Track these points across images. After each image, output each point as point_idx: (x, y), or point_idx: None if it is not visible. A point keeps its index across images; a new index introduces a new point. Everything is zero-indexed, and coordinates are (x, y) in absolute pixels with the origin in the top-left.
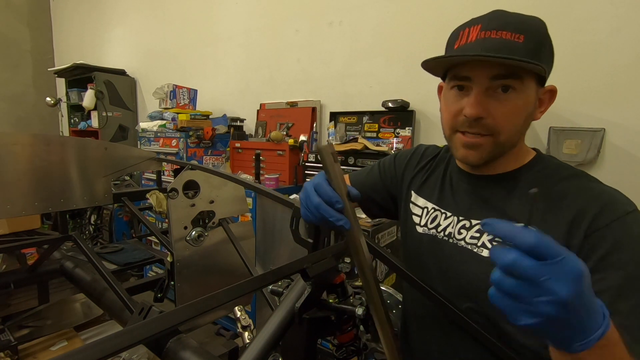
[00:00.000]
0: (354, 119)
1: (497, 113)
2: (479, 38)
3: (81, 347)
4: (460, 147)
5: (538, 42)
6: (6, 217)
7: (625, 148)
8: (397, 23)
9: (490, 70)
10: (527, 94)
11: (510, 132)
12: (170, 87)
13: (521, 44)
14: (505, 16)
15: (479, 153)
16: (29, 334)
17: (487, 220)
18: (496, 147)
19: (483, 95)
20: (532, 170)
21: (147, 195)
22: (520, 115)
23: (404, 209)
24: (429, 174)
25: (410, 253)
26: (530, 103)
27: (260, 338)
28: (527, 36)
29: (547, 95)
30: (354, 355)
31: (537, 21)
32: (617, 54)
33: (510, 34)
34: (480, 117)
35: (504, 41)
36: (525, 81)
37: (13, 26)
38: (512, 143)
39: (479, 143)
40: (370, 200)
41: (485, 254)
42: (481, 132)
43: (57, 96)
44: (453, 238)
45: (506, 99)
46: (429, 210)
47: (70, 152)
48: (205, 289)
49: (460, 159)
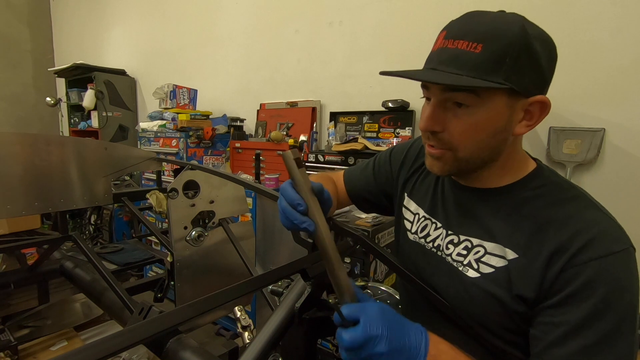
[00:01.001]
0: (354, 119)
1: (453, 127)
2: (440, 47)
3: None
4: (428, 156)
5: (500, 52)
6: (6, 217)
7: (625, 148)
8: (397, 23)
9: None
10: (490, 108)
11: (470, 148)
12: (170, 87)
13: (476, 55)
14: (473, 22)
15: (441, 164)
16: (29, 334)
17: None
18: (458, 162)
19: (438, 109)
20: (526, 188)
21: (147, 195)
22: (480, 131)
23: (397, 209)
24: (423, 177)
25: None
26: (498, 119)
27: (260, 338)
28: (485, 45)
29: (537, 107)
30: None
31: (509, 23)
32: (617, 54)
33: (468, 43)
34: (435, 131)
35: (457, 52)
36: (483, 96)
37: (13, 26)
38: (481, 159)
39: (439, 155)
40: (362, 199)
41: (470, 275)
42: (438, 146)
43: (57, 96)
44: (441, 251)
45: (463, 114)
46: (419, 218)
47: (70, 152)
48: (205, 289)
49: (428, 167)
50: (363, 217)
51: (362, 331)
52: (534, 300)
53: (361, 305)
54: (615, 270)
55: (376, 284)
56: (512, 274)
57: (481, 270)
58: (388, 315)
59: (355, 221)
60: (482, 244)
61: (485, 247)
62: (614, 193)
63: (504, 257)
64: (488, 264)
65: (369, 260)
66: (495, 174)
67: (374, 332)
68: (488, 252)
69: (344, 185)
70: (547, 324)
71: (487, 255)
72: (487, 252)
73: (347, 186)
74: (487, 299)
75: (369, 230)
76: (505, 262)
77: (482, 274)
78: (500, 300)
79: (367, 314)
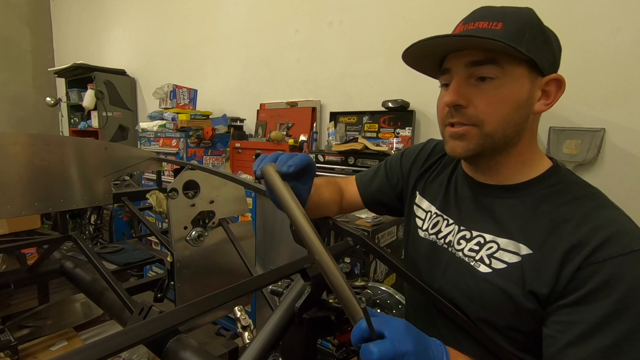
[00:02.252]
0: (354, 119)
1: (479, 101)
2: (460, 32)
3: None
4: (449, 140)
5: (519, 27)
6: (6, 217)
7: (625, 148)
8: (397, 23)
9: (465, 58)
10: (513, 81)
11: (497, 122)
12: (170, 87)
13: (498, 31)
14: (487, 8)
15: (465, 143)
16: (29, 334)
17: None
18: (483, 139)
19: (463, 84)
20: (543, 185)
21: (147, 195)
22: (506, 104)
23: (408, 208)
24: (435, 175)
25: (409, 254)
26: (521, 92)
27: (260, 338)
28: (505, 22)
29: (553, 85)
30: (354, 355)
31: (523, 9)
32: (617, 54)
33: (488, 22)
34: (460, 105)
35: (480, 30)
36: (507, 68)
37: (13, 26)
38: (505, 136)
39: (464, 132)
40: (377, 202)
41: (482, 270)
42: (463, 121)
43: (57, 96)
44: (452, 247)
45: (487, 86)
46: (431, 215)
47: (70, 152)
48: (205, 289)
49: (449, 152)
50: (363, 217)
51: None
52: (547, 296)
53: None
54: (635, 269)
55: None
56: (525, 269)
57: (493, 265)
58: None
59: (355, 221)
60: (495, 239)
61: (498, 243)
62: (614, 193)
63: (517, 253)
64: (501, 260)
65: (369, 260)
66: (513, 168)
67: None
68: (501, 248)
69: (357, 188)
70: (563, 323)
71: (500, 251)
72: (500, 247)
73: (360, 189)
74: (497, 295)
75: (369, 230)
76: (518, 258)
77: (494, 269)
78: (511, 296)
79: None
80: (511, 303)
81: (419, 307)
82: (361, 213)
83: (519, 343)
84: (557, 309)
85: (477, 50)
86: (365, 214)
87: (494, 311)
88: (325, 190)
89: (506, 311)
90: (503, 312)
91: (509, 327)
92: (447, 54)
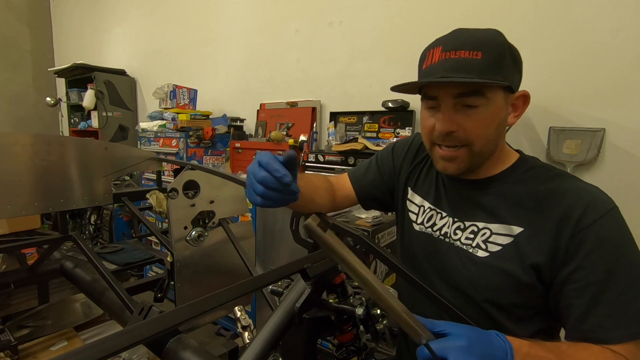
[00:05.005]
0: (354, 119)
1: (467, 126)
2: (440, 59)
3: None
4: (439, 160)
5: (497, 55)
6: (6, 217)
7: (625, 148)
8: (397, 23)
9: (453, 90)
10: (494, 105)
11: (483, 141)
12: (170, 87)
13: (479, 60)
14: (463, 35)
15: (456, 164)
16: (29, 334)
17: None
18: (472, 157)
19: (452, 111)
20: (517, 172)
21: (147, 195)
22: (490, 125)
23: (401, 204)
24: (426, 170)
25: (406, 248)
26: (500, 112)
27: (260, 338)
28: (484, 51)
29: (520, 100)
30: (354, 355)
31: (494, 34)
32: (617, 54)
33: (468, 52)
34: (452, 131)
35: (462, 60)
36: (488, 95)
37: (13, 26)
38: (489, 151)
39: (455, 155)
40: (369, 196)
41: (480, 254)
42: (455, 144)
43: (57, 96)
44: (449, 238)
45: (474, 113)
46: (425, 209)
47: (70, 152)
48: (205, 289)
49: (440, 170)
50: (363, 217)
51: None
52: (549, 267)
53: (446, 346)
54: (615, 224)
55: None
56: (521, 245)
57: (490, 249)
58: (474, 349)
59: (355, 221)
60: (487, 226)
61: (490, 229)
62: (614, 193)
63: (509, 235)
64: (495, 243)
65: (369, 260)
66: (490, 164)
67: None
68: (494, 233)
69: (352, 183)
70: (576, 290)
71: (494, 235)
72: (493, 232)
73: (354, 184)
74: (498, 275)
75: (369, 230)
76: (511, 239)
77: (491, 252)
78: (511, 274)
79: (455, 350)
80: (511, 280)
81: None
82: (361, 213)
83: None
84: (566, 278)
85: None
86: (365, 214)
87: (497, 291)
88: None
89: (507, 289)
90: (505, 290)
91: (512, 304)
92: None
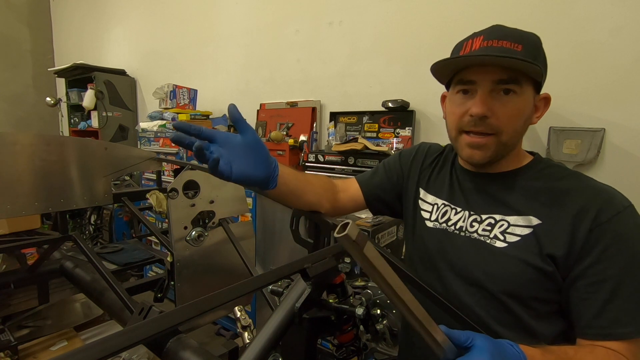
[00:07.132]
0: (354, 119)
1: (500, 113)
2: (482, 46)
3: (81, 347)
4: (466, 147)
5: (535, 52)
6: (6, 217)
7: (625, 148)
8: (397, 23)
9: (493, 74)
10: (526, 98)
11: (512, 132)
12: (170, 87)
13: (520, 52)
14: (504, 29)
15: (483, 152)
16: (29, 334)
17: None
18: (499, 147)
19: (488, 96)
20: (533, 170)
21: (147, 195)
22: (520, 117)
23: (412, 205)
24: (436, 172)
25: (418, 247)
26: (529, 107)
27: (260, 338)
28: (524, 46)
29: (542, 102)
30: (354, 355)
31: (533, 35)
32: (617, 54)
33: (510, 43)
34: (485, 116)
35: (504, 49)
36: (524, 86)
37: (13, 26)
38: (513, 144)
39: (483, 143)
40: (378, 199)
41: (498, 245)
42: (485, 131)
43: (57, 96)
44: (465, 231)
45: (508, 101)
46: (439, 206)
47: (70, 152)
48: (205, 289)
49: (466, 158)
50: (363, 217)
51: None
52: (566, 257)
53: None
54: (632, 220)
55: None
56: (539, 236)
57: (508, 240)
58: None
59: (356, 221)
60: (504, 218)
61: (508, 221)
62: None
63: (528, 226)
64: (514, 234)
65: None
66: (508, 160)
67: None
68: (512, 224)
69: (359, 185)
70: (593, 284)
71: (512, 226)
72: (511, 224)
73: (362, 186)
74: (517, 265)
75: (369, 230)
76: (530, 230)
77: (510, 243)
78: (530, 264)
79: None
80: (531, 270)
81: None
82: (361, 213)
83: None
84: (581, 273)
85: (501, 67)
86: (365, 214)
87: (515, 281)
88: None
89: (527, 280)
90: (524, 281)
91: (531, 297)
92: (467, 66)
